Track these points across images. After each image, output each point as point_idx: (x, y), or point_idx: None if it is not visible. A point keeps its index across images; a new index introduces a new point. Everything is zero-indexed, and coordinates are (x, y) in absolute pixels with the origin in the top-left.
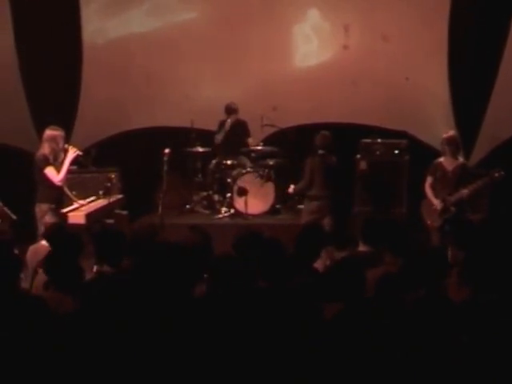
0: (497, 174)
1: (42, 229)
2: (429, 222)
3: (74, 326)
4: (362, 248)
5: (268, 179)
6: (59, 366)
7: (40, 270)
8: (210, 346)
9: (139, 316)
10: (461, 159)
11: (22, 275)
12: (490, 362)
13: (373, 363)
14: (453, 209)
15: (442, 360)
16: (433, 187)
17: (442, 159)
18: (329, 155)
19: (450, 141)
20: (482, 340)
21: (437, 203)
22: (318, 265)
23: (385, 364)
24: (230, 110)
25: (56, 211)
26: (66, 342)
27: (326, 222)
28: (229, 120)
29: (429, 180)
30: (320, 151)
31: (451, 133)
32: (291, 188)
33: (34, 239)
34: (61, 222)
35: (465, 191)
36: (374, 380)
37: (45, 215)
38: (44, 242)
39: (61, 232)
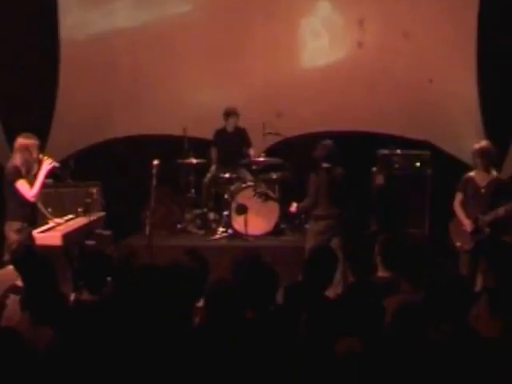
0: None
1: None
2: (458, 245)
3: (55, 362)
4: (381, 273)
5: (267, 198)
6: None
7: (8, 300)
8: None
9: (126, 348)
10: (494, 173)
11: None
12: None
13: None
14: (487, 230)
15: None
16: (463, 205)
17: (473, 173)
18: (334, 168)
19: (482, 152)
20: None
21: (468, 223)
22: (330, 292)
23: None
24: (230, 112)
25: (28, 231)
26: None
27: (335, 244)
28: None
29: (459, 197)
30: (324, 164)
31: (484, 143)
32: (293, 206)
33: (1, 264)
34: (28, 243)
35: (501, 210)
36: None
37: (15, 235)
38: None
39: (30, 256)
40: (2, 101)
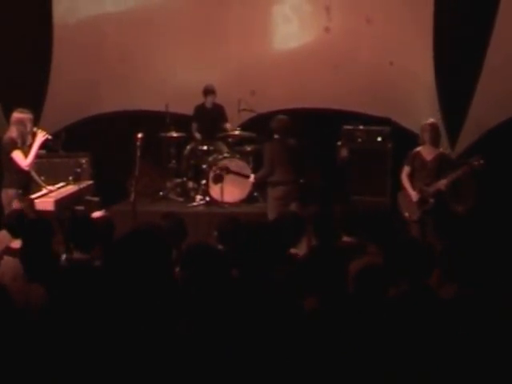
0: (476, 163)
1: None
2: (406, 215)
3: (46, 318)
4: (346, 239)
5: (227, 172)
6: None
7: (3, 261)
8: (185, 336)
9: (117, 303)
10: (440, 148)
11: None
12: (480, 360)
13: (352, 360)
14: (431, 200)
15: (430, 357)
16: (411, 178)
17: (420, 148)
18: (286, 139)
19: (429, 129)
20: (470, 338)
21: (414, 194)
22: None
23: (365, 361)
24: (208, 90)
25: (23, 197)
26: (35, 337)
27: (294, 208)
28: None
29: (406, 170)
30: (276, 136)
31: (431, 120)
32: (252, 177)
33: None
34: (20, 210)
35: (443, 181)
36: (355, 377)
37: (11, 201)
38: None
39: (21, 220)
40: (0, 80)
